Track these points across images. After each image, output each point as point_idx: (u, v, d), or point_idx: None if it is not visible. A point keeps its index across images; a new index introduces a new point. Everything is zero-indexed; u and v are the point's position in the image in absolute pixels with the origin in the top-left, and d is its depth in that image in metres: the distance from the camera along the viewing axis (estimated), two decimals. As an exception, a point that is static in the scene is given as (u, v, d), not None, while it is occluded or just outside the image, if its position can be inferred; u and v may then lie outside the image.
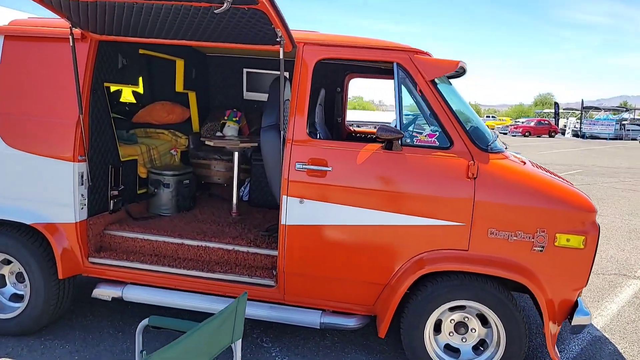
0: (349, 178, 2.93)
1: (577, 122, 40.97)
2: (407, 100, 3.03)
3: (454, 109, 2.94)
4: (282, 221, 3.02)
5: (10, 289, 3.48)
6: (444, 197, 2.85)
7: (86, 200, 3.30)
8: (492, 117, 61.83)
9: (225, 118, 4.71)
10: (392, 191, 2.90)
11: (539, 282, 2.80)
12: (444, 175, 2.86)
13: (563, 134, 40.91)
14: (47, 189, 3.22)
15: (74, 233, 3.26)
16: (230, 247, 3.40)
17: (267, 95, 4.87)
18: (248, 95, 4.99)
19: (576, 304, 2.90)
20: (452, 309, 2.96)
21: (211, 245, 3.42)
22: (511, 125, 42.25)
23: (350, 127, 5.29)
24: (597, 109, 46.30)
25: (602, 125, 38.97)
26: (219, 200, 4.65)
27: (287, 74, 4.84)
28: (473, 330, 2.98)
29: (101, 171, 3.49)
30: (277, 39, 2.79)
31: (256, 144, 4.06)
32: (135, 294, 3.32)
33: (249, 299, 3.25)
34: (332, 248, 2.99)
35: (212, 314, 3.59)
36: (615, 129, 38.13)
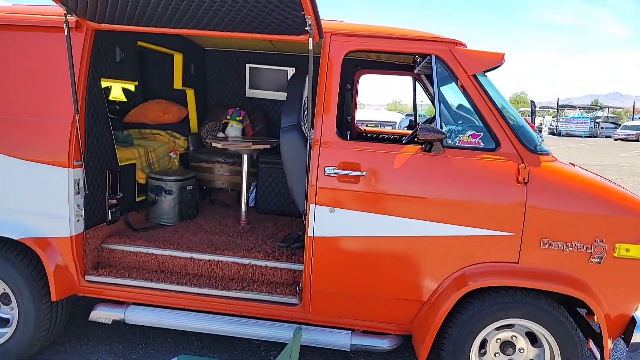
0: (386, 184, 2.62)
1: (554, 121, 41.61)
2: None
3: (499, 106, 2.66)
4: (310, 232, 2.69)
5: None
6: (492, 204, 2.57)
7: (82, 210, 2.91)
8: None
9: (228, 117, 4.35)
10: (434, 198, 2.60)
11: (597, 296, 2.55)
12: (491, 180, 2.58)
13: (540, 131, 41.54)
14: (38, 199, 2.82)
15: (69, 248, 2.87)
16: (246, 261, 3.06)
17: (270, 92, 4.56)
18: (250, 92, 4.63)
19: (633, 319, 2.65)
20: (498, 328, 2.68)
21: (224, 259, 3.07)
22: None
23: (361, 127, 4.99)
24: (572, 107, 47.15)
25: (577, 123, 39.68)
26: (222, 207, 4.29)
27: (285, 70, 4.53)
28: (521, 351, 2.70)
29: (98, 177, 3.10)
30: (307, 28, 2.46)
31: (268, 146, 3.71)
32: (139, 316, 2.95)
33: (269, 319, 2.92)
34: (365, 262, 2.68)
35: (230, 338, 3.27)
36: (590, 127, 38.87)
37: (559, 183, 2.56)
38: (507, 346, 2.71)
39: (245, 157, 3.70)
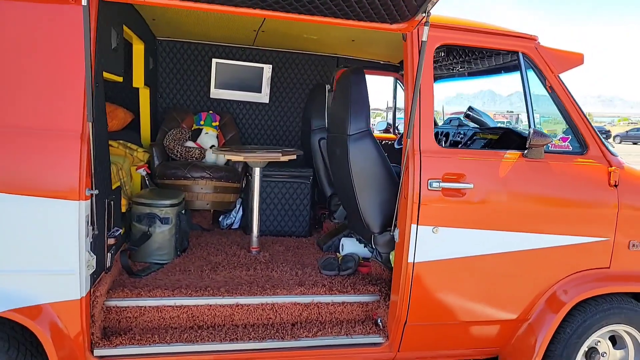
0: (493, 195, 2.33)
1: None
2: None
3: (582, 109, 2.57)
4: (410, 258, 2.27)
5: None
6: (589, 210, 2.46)
7: (94, 259, 2.04)
8: None
9: (202, 122, 3.57)
10: (536, 207, 2.40)
11: (671, 293, 2.62)
12: (588, 185, 2.47)
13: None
14: (32, 249, 1.89)
15: (77, 315, 1.98)
16: (307, 299, 2.48)
17: (241, 93, 3.92)
18: (217, 93, 3.89)
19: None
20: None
21: (280, 300, 2.45)
22: None
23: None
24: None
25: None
26: (202, 233, 3.51)
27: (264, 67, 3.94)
28: (604, 355, 2.66)
29: (99, 209, 2.22)
30: (424, 13, 2.04)
31: (294, 157, 3.09)
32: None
33: (346, 366, 2.41)
34: (469, 284, 2.36)
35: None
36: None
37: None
38: (592, 352, 2.64)
39: (257, 170, 3.04)
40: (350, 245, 3.08)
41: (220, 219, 3.67)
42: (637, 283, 2.52)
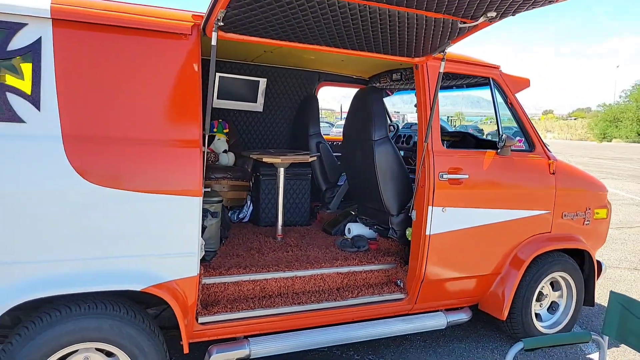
0: (480, 182, 3.21)
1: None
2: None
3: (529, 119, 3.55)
4: (427, 232, 3.06)
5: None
6: (539, 192, 3.45)
7: (204, 244, 2.55)
8: None
9: (214, 130, 4.06)
10: (507, 190, 3.33)
11: (588, 247, 3.71)
12: (537, 173, 3.46)
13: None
14: (163, 237, 2.35)
15: (194, 289, 2.48)
16: (345, 269, 3.17)
17: (239, 103, 4.46)
18: (218, 103, 4.35)
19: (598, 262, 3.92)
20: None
21: (327, 271, 3.12)
22: None
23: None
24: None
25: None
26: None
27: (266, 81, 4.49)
28: (547, 296, 3.68)
29: None
30: (441, 52, 2.84)
31: (315, 158, 3.71)
32: (264, 348, 2.75)
33: (379, 318, 3.14)
34: (465, 250, 3.22)
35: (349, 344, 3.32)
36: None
37: (569, 171, 3.62)
38: (539, 295, 3.65)
39: (282, 171, 3.64)
40: (356, 229, 3.80)
41: (229, 214, 4.18)
42: (568, 242, 3.56)
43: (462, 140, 4.08)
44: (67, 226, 2.16)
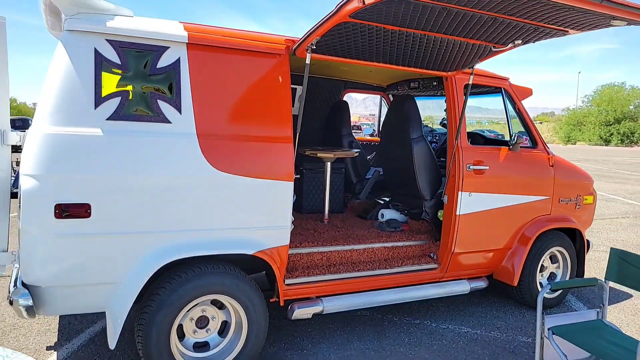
0: (497, 172, 3.95)
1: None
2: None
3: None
4: (457, 212, 3.78)
5: (190, 339, 2.98)
6: (541, 181, 4.22)
7: (292, 219, 3.20)
8: None
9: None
10: (517, 179, 4.08)
11: (579, 227, 4.51)
12: (540, 165, 4.23)
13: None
14: (267, 212, 2.99)
15: (285, 256, 3.13)
16: (389, 244, 3.86)
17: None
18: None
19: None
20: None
21: (377, 245, 3.80)
22: None
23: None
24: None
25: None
26: None
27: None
28: (546, 267, 4.46)
29: None
30: (470, 68, 3.57)
31: (357, 154, 4.40)
32: (334, 305, 3.41)
33: (415, 285, 3.84)
34: (486, 227, 3.95)
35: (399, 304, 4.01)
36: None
37: (563, 164, 4.41)
38: (541, 268, 4.42)
39: (328, 165, 4.31)
40: (389, 214, 4.49)
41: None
42: (564, 222, 4.34)
43: (472, 139, 4.82)
44: (201, 204, 2.78)
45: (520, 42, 3.01)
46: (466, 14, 2.50)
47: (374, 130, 6.01)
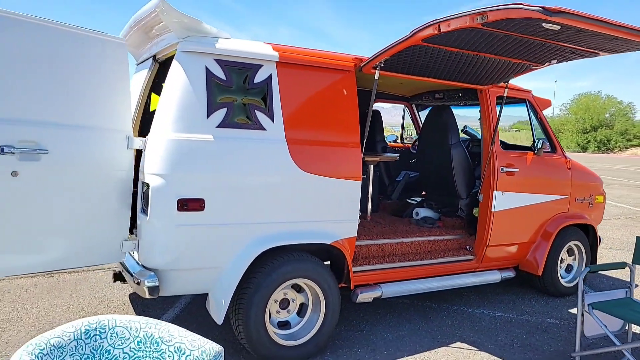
0: (525, 174, 4.47)
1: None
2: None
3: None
4: (492, 209, 4.28)
5: (274, 318, 3.41)
6: (561, 182, 4.75)
7: (359, 214, 3.66)
8: None
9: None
10: (541, 180, 4.61)
11: (593, 223, 5.05)
12: (559, 168, 4.76)
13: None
14: (341, 207, 3.45)
15: (353, 246, 3.59)
16: (431, 238, 4.35)
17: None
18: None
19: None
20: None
21: (421, 239, 4.28)
22: None
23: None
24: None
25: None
26: None
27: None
28: (563, 260, 4.98)
29: None
30: (504, 82, 4.09)
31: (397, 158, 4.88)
32: (391, 291, 3.87)
33: (453, 274, 4.32)
34: (516, 223, 4.46)
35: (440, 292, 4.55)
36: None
37: (578, 167, 4.96)
38: (562, 259, 4.94)
39: (372, 168, 4.78)
40: (423, 212, 4.98)
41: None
42: (580, 219, 4.88)
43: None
44: (290, 199, 3.23)
45: (555, 61, 3.54)
46: (522, 40, 3.01)
47: (397, 137, 6.51)
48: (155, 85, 3.81)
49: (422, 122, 6.33)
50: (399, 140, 6.60)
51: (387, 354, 3.50)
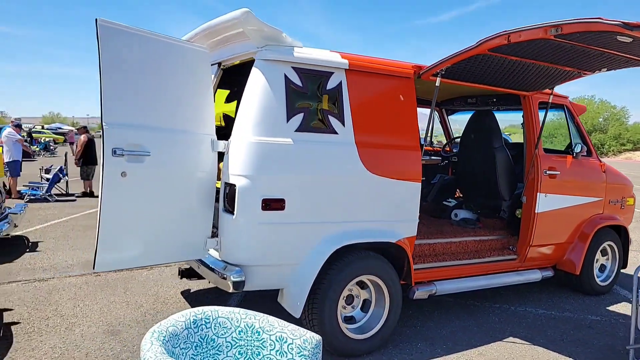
0: (566, 177, 4.66)
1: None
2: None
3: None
4: (536, 210, 4.47)
5: (341, 313, 3.56)
6: (596, 185, 4.95)
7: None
8: None
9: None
10: (579, 183, 4.80)
11: (625, 224, 5.24)
12: (595, 171, 4.96)
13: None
14: (403, 207, 3.62)
15: (413, 245, 3.76)
16: (477, 238, 4.53)
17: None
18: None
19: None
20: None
21: (469, 239, 4.46)
22: None
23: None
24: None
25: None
26: None
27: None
28: (597, 260, 5.17)
29: None
30: (550, 89, 4.29)
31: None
32: (444, 288, 4.03)
33: (498, 273, 4.49)
34: (556, 224, 4.65)
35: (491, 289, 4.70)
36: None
37: (612, 171, 5.16)
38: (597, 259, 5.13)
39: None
40: (462, 213, 5.16)
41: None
42: (613, 220, 5.07)
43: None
44: (359, 200, 3.40)
45: (605, 69, 3.73)
46: (584, 49, 3.21)
47: (427, 140, 6.71)
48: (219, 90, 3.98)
49: (451, 126, 6.54)
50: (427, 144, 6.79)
51: (446, 347, 3.67)
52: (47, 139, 32.33)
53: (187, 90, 3.01)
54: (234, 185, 3.07)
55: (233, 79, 4.21)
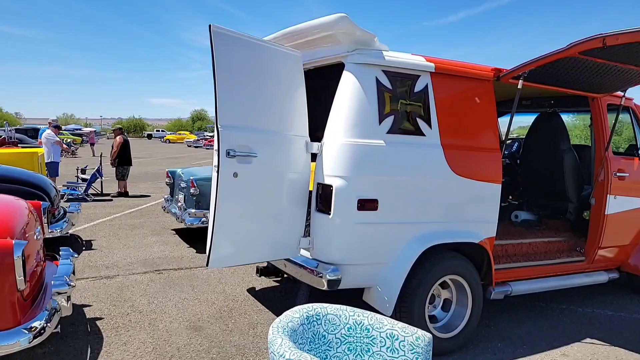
0: (634, 178, 4.65)
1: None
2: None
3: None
4: (606, 212, 4.47)
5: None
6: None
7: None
8: (162, 130, 71.14)
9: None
10: (645, 185, 4.79)
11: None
12: (656, 171, 4.95)
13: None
14: (485, 208, 3.67)
15: (492, 245, 3.79)
16: (546, 239, 4.54)
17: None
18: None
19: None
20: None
21: (538, 240, 4.47)
22: (204, 139, 47.68)
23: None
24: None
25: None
26: None
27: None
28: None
29: None
30: (622, 91, 4.29)
31: None
32: (519, 289, 4.05)
33: (566, 274, 4.50)
34: (624, 225, 4.64)
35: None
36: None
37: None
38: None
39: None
40: (523, 215, 5.18)
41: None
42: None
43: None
44: (446, 201, 3.45)
45: None
46: None
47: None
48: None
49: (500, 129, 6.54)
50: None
51: (526, 348, 3.70)
52: (68, 140, 32.74)
53: (286, 94, 3.09)
54: (330, 186, 3.13)
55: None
